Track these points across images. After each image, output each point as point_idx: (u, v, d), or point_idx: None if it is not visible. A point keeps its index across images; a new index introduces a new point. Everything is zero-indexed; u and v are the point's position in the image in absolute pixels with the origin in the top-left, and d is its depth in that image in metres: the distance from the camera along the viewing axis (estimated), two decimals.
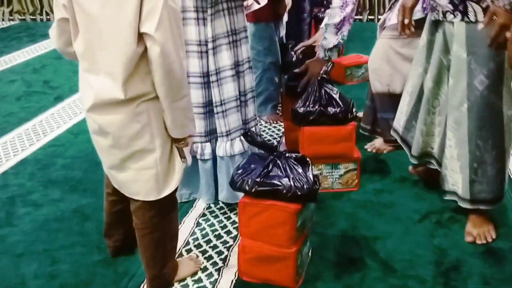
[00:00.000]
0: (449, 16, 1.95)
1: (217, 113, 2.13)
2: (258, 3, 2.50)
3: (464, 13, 1.90)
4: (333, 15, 2.40)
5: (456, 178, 2.05)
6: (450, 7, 1.93)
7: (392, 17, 2.64)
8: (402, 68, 2.64)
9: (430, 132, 2.20)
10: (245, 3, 2.36)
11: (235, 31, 2.14)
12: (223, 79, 2.11)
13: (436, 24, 2.06)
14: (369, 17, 6.18)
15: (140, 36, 1.44)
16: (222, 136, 2.16)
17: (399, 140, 2.40)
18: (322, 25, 2.93)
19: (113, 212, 1.89)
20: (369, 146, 2.85)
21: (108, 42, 1.47)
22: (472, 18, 1.88)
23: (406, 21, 2.11)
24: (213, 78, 2.09)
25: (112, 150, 1.61)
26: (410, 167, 2.51)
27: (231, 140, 2.17)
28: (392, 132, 2.45)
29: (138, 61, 1.48)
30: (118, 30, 1.44)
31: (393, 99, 2.63)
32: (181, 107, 1.56)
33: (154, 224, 1.71)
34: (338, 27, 2.42)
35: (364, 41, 5.07)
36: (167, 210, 1.73)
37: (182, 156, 1.69)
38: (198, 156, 2.21)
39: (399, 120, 2.37)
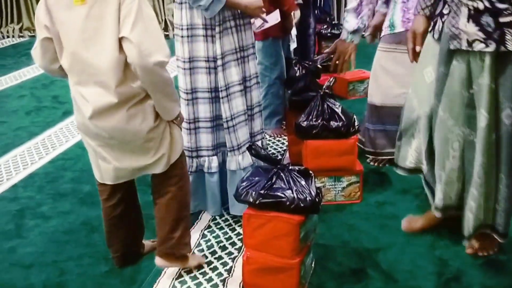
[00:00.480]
0: (478, 46, 1.72)
1: (228, 128, 2.19)
2: (266, 21, 2.56)
3: (500, 42, 1.68)
4: (350, 1, 2.57)
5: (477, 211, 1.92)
6: (481, 35, 1.70)
7: (384, 28, 2.67)
8: (382, 82, 2.68)
9: (451, 179, 1.97)
10: (257, 22, 2.42)
11: (243, 48, 2.20)
12: (232, 94, 2.17)
13: (455, 54, 1.81)
14: None
15: (121, 42, 1.53)
16: (233, 150, 2.22)
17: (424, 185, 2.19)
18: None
19: (112, 217, 1.94)
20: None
21: (93, 53, 1.56)
22: (510, 47, 1.67)
23: (418, 48, 1.98)
24: (222, 94, 2.15)
25: (123, 146, 1.73)
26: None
27: (242, 153, 2.22)
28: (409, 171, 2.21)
29: (125, 66, 1.57)
30: (101, 40, 1.54)
31: (371, 110, 2.73)
32: (167, 95, 1.67)
33: (175, 189, 1.86)
34: (358, 11, 2.55)
35: (367, 57, 5.12)
36: (182, 179, 1.88)
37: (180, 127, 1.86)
38: (205, 170, 2.26)
39: (417, 159, 2.15)
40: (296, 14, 3.16)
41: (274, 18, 2.66)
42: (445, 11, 1.85)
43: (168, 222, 1.87)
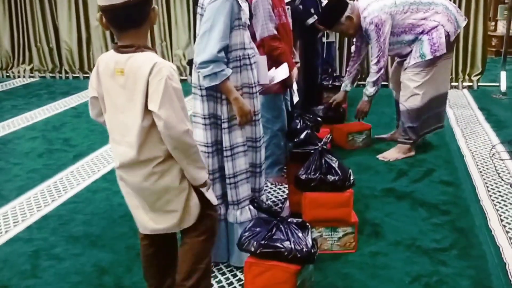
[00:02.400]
0: None
1: (229, 184, 2.35)
2: (272, 81, 2.76)
3: None
4: (372, 76, 3.88)
5: None
6: None
7: (415, 58, 3.77)
8: (416, 91, 3.79)
9: None
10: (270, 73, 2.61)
11: (254, 113, 2.37)
12: (236, 154, 2.34)
13: None
14: None
15: (148, 112, 1.73)
16: (233, 204, 2.39)
17: None
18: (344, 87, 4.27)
19: (146, 255, 2.06)
20: (380, 157, 3.87)
21: (125, 117, 1.78)
22: None
23: None
24: (227, 153, 2.32)
25: (141, 200, 1.88)
26: None
27: (241, 208, 2.39)
28: None
29: (149, 131, 1.76)
30: (132, 108, 1.75)
31: (413, 111, 3.86)
32: (192, 161, 1.80)
33: (194, 242, 1.94)
34: (376, 83, 3.90)
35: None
36: (204, 234, 1.95)
37: (207, 198, 1.92)
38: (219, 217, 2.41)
39: None
40: (295, 72, 3.38)
41: (283, 72, 2.86)
42: None
43: (183, 270, 1.96)
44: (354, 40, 4.18)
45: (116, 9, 1.68)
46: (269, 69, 2.68)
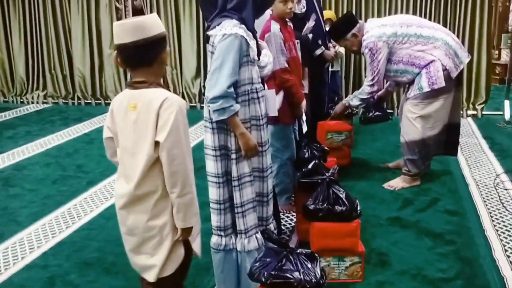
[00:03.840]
0: None
1: (237, 213, 2.43)
2: (275, 112, 2.87)
3: None
4: (362, 93, 4.03)
5: None
6: None
7: (414, 90, 3.87)
8: (415, 123, 3.87)
9: None
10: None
11: (261, 144, 2.47)
12: (243, 184, 2.42)
13: None
14: None
15: (156, 144, 1.84)
16: (241, 233, 2.46)
17: None
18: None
19: None
20: (386, 185, 3.92)
21: (134, 150, 1.89)
22: None
23: None
24: (235, 183, 2.42)
25: (130, 237, 1.99)
26: None
27: (249, 237, 2.47)
28: None
29: (153, 165, 1.87)
30: (141, 142, 1.86)
31: (412, 144, 3.94)
32: (184, 203, 1.88)
33: None
34: (363, 101, 4.07)
35: (371, 134, 5.46)
36: None
37: (190, 248, 2.00)
38: (231, 246, 2.47)
39: None
40: (303, 104, 3.49)
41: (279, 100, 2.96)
42: None
43: None
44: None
45: (127, 48, 1.84)
46: None
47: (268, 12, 3.33)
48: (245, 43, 2.30)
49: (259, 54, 2.47)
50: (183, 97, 7.16)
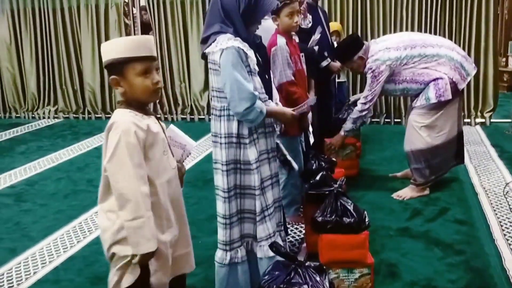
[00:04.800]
0: None
1: (257, 221, 2.47)
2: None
3: None
4: (354, 113, 4.06)
5: None
6: None
7: (420, 101, 3.89)
8: (421, 132, 3.90)
9: None
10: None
11: (269, 151, 2.53)
12: (266, 187, 2.48)
13: None
14: (386, 119, 6.59)
15: None
16: (261, 240, 2.48)
17: None
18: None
19: None
20: (395, 195, 3.94)
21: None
22: None
23: None
24: (257, 192, 2.44)
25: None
26: None
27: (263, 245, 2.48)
28: None
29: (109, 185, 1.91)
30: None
31: (419, 153, 3.96)
32: (134, 226, 1.83)
33: None
34: (356, 121, 4.09)
35: (379, 144, 5.48)
36: None
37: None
38: (238, 260, 2.50)
39: None
40: (310, 115, 3.53)
41: (311, 100, 2.99)
42: None
43: None
44: None
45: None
46: None
47: (274, 26, 3.39)
48: (243, 54, 2.34)
49: (263, 63, 2.54)
50: (192, 110, 7.23)
